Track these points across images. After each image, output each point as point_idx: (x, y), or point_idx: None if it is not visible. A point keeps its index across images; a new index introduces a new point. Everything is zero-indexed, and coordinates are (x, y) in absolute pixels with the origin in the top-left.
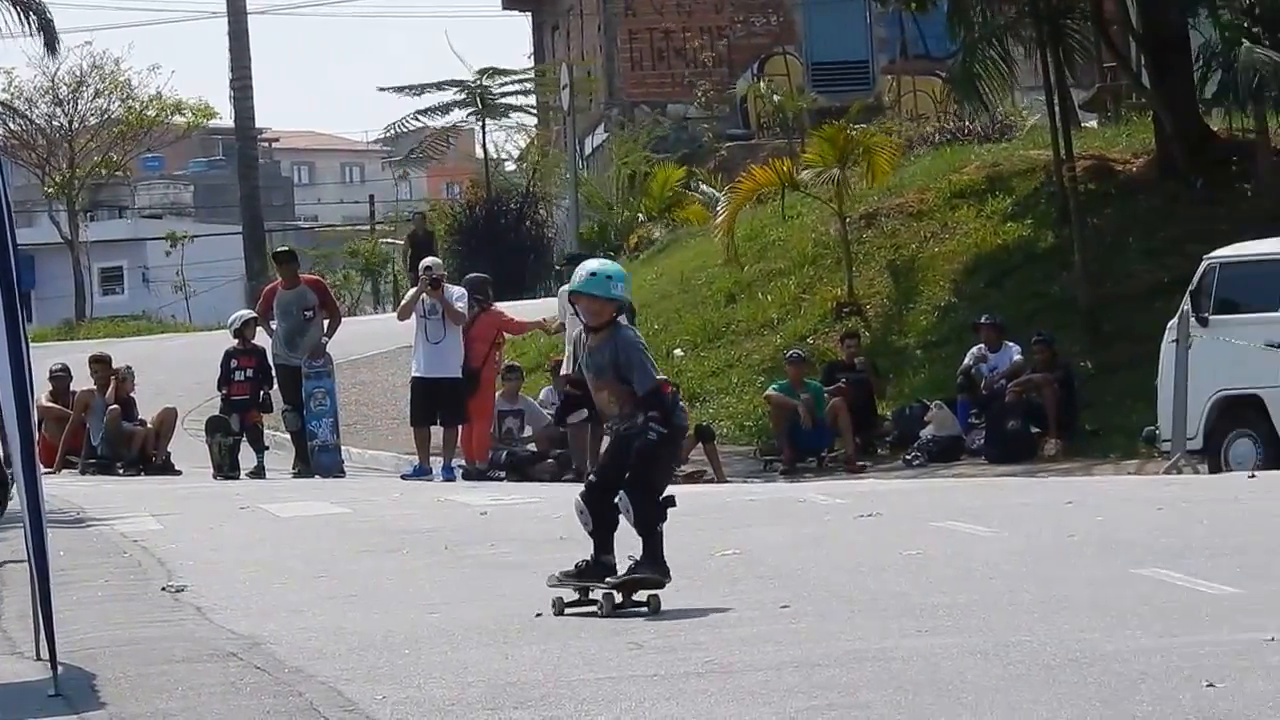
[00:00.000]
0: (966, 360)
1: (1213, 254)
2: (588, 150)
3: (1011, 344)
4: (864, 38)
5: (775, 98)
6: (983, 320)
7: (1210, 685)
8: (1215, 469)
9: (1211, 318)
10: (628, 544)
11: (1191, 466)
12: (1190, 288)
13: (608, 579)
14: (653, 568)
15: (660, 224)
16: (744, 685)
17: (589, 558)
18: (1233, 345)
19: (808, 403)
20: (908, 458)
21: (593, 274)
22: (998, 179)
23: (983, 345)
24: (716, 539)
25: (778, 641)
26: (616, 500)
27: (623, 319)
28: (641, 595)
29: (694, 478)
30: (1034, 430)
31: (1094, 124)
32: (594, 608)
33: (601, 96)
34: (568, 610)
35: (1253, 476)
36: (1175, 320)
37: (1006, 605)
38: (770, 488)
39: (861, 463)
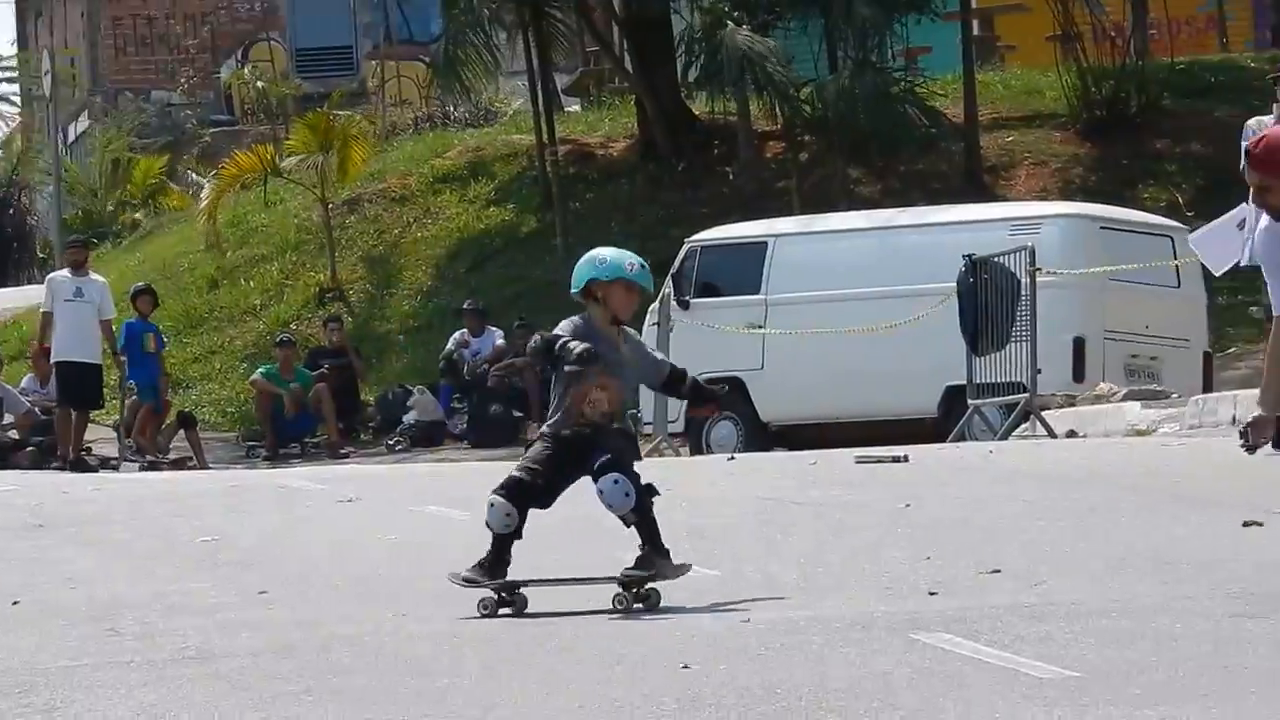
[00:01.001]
0: (449, 345)
1: (693, 237)
2: (71, 138)
3: (494, 329)
4: (348, 23)
5: (259, 84)
6: (465, 306)
7: (686, 666)
8: (697, 451)
9: (692, 301)
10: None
11: (673, 449)
12: (671, 271)
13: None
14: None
15: (144, 210)
16: (222, 671)
17: (487, 557)
18: (714, 329)
19: (295, 390)
20: (390, 442)
21: (643, 265)
22: (480, 164)
23: (465, 330)
24: (196, 525)
25: (256, 627)
26: (616, 485)
27: None
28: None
29: (179, 464)
30: (516, 415)
31: (577, 108)
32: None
33: (85, 83)
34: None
35: (732, 459)
36: (656, 304)
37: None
38: (253, 474)
39: (345, 448)
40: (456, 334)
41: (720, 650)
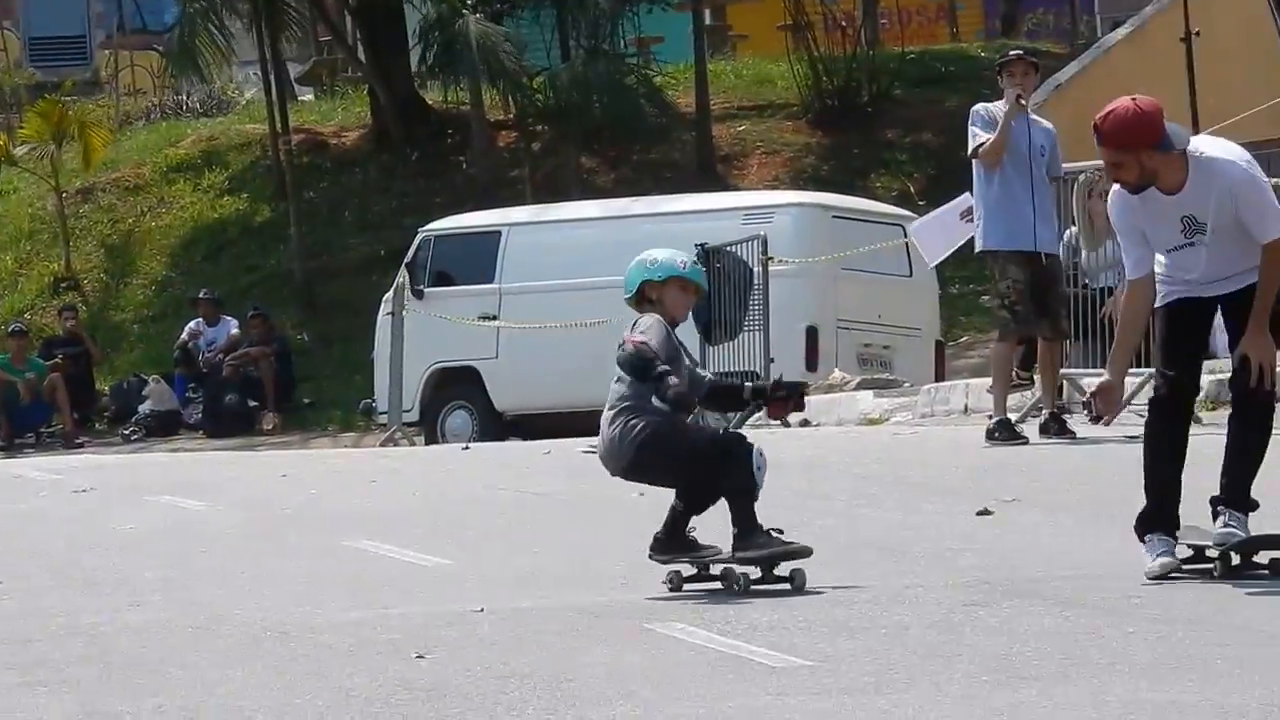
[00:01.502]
0: (183, 335)
1: (427, 227)
2: None
3: (229, 318)
4: (81, 12)
5: None
6: (200, 295)
7: (420, 656)
8: (432, 440)
9: (427, 290)
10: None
11: (408, 438)
12: (406, 260)
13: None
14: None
15: None
16: None
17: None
18: (448, 319)
19: (29, 379)
20: (126, 432)
21: (695, 261)
22: (214, 153)
23: (200, 319)
24: None
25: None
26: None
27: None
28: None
29: None
30: (252, 404)
31: (311, 97)
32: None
33: None
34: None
35: (467, 448)
36: (391, 293)
37: (220, 579)
38: None
39: (80, 438)
40: (191, 323)
41: (457, 640)
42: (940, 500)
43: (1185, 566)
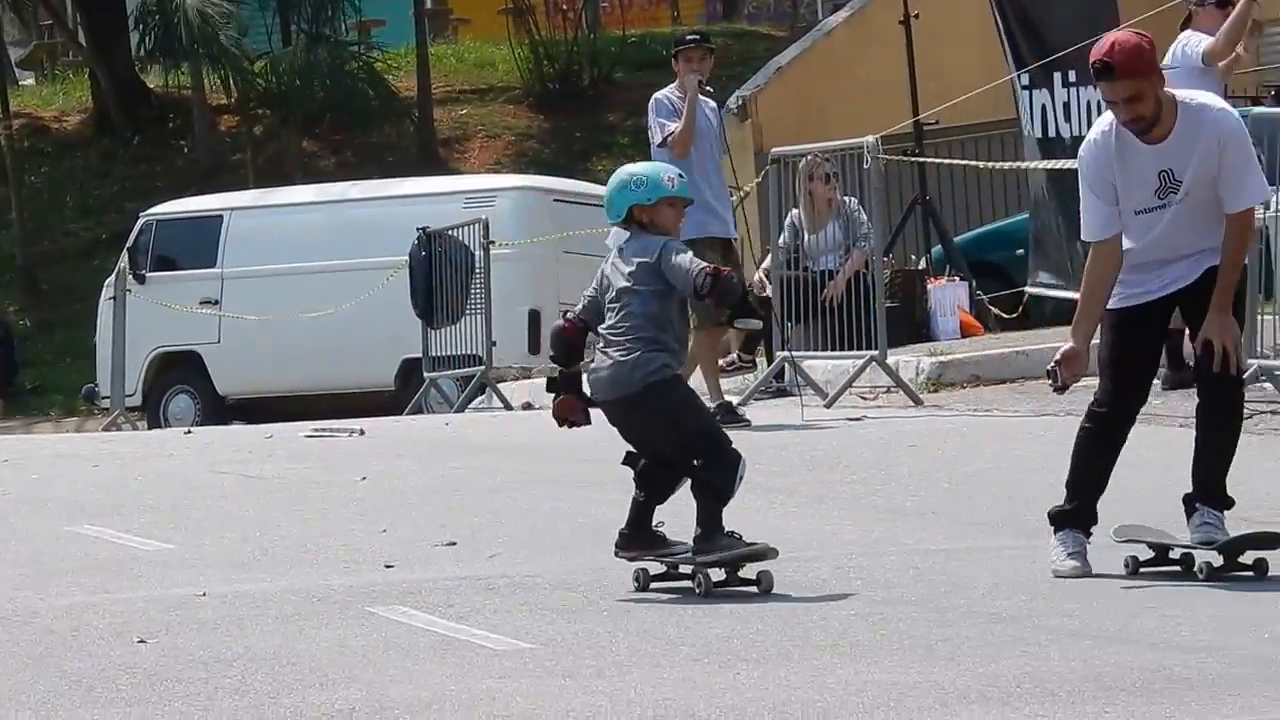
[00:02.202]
0: None
1: (149, 211)
2: None
3: None
4: None
5: None
6: None
7: (141, 640)
8: (155, 424)
9: (149, 274)
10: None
11: (131, 423)
12: (128, 244)
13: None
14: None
15: None
16: None
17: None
18: (170, 303)
19: None
20: None
21: (680, 174)
22: None
23: None
24: None
25: None
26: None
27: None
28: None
29: None
30: None
31: (32, 81)
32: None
33: None
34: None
35: (189, 432)
36: (113, 277)
37: None
38: None
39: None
40: None
41: (178, 624)
42: None
43: (1145, 569)
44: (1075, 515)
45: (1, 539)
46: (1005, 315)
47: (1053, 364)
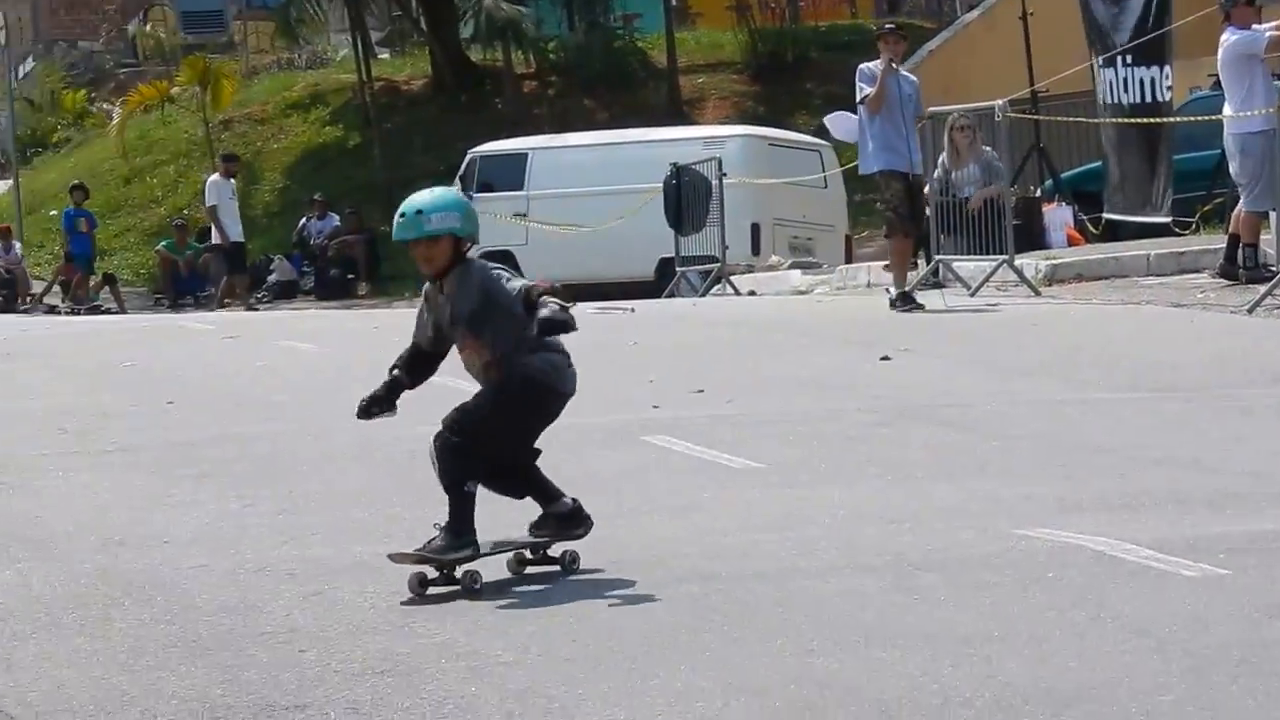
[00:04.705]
0: (300, 226)
1: (474, 149)
2: (21, 75)
3: (333, 214)
4: None
5: (158, 36)
6: (314, 198)
7: None
8: None
9: (474, 195)
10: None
11: None
12: (459, 173)
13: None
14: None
15: (74, 129)
16: (140, 460)
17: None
18: (491, 215)
19: (189, 258)
20: (259, 297)
21: (401, 215)
22: (318, 96)
23: (314, 215)
24: (119, 353)
25: (165, 428)
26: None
27: (473, 253)
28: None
29: (95, 309)
30: (349, 276)
31: (387, 55)
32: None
33: (30, 34)
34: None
35: None
36: None
37: (328, 400)
38: (159, 318)
39: (227, 300)
40: (305, 218)
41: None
42: (853, 349)
43: None
44: None
45: (372, 381)
46: (1095, 231)
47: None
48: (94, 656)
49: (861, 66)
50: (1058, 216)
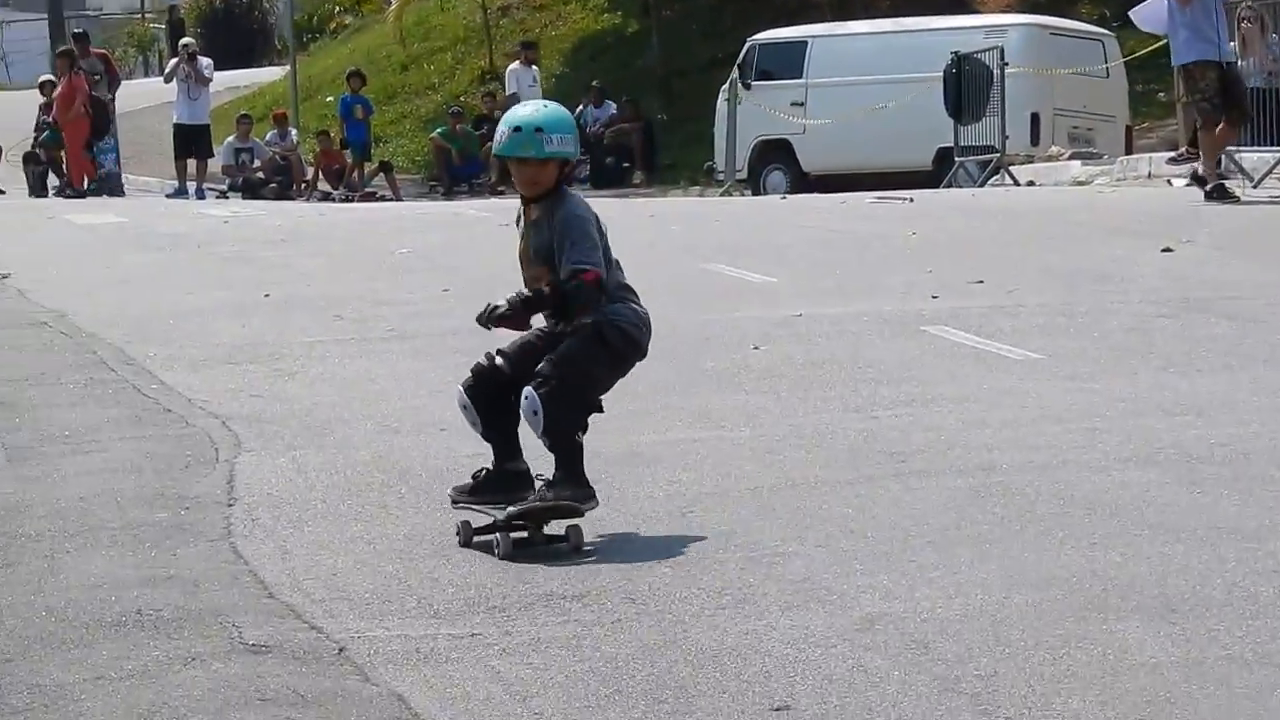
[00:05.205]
0: (577, 111)
1: (754, 37)
2: None
3: (610, 101)
4: None
5: None
6: (593, 84)
7: (756, 348)
8: (756, 193)
9: (753, 83)
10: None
11: (739, 191)
12: (738, 61)
13: (508, 507)
14: (572, 488)
15: (352, 14)
16: (417, 346)
17: (489, 466)
18: (768, 104)
19: (463, 146)
20: None
21: (517, 129)
22: None
23: (590, 102)
24: (395, 240)
25: (441, 315)
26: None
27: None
28: (558, 527)
29: (368, 197)
30: (625, 165)
31: None
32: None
33: None
34: (477, 540)
35: (784, 199)
36: (727, 85)
37: None
38: (434, 205)
39: (501, 187)
40: (581, 105)
41: (780, 336)
42: (1134, 240)
43: None
44: None
45: (652, 273)
46: None
47: None
48: (370, 545)
49: None
50: None
